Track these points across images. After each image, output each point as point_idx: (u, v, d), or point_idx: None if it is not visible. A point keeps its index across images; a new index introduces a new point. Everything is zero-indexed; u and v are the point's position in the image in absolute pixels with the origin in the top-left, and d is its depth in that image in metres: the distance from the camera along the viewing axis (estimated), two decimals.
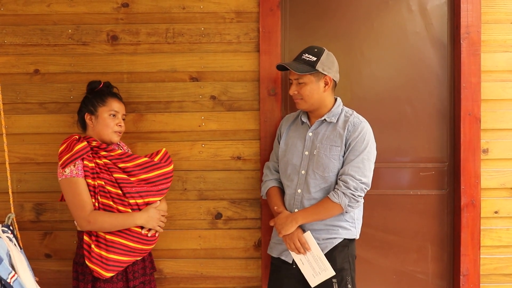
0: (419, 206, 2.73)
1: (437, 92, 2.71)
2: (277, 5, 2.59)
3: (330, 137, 2.25)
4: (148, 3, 2.59)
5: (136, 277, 2.28)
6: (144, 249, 2.25)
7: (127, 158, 2.28)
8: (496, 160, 2.64)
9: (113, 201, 2.20)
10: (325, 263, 2.20)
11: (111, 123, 2.29)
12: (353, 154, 2.20)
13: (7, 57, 2.59)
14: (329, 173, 2.22)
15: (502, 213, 2.66)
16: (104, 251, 2.16)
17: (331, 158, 2.23)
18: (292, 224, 2.20)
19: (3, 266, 1.91)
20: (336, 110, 2.30)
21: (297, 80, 2.26)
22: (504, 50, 2.63)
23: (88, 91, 2.36)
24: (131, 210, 2.21)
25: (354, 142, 2.21)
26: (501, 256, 2.67)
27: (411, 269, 2.75)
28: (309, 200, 2.25)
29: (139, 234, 2.22)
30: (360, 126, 2.23)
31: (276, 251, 2.35)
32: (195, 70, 2.62)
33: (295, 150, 2.32)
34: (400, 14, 2.70)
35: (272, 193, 2.37)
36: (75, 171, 2.18)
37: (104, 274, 2.16)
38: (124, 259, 2.19)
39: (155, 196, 2.28)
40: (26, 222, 2.61)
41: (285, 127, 2.42)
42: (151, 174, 2.29)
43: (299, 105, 2.30)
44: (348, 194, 2.16)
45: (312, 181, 2.24)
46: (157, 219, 2.26)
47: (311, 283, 2.22)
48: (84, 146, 2.21)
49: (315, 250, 2.21)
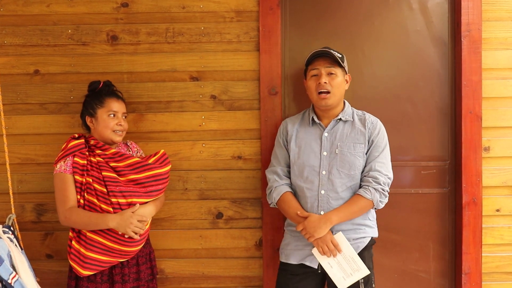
0: (421, 204, 2.72)
1: (438, 90, 2.70)
2: (277, 4, 2.58)
3: (351, 135, 2.26)
4: (148, 3, 2.59)
5: (125, 281, 2.24)
6: (124, 251, 2.20)
7: (120, 157, 2.28)
8: (497, 158, 2.64)
9: (97, 199, 2.20)
10: (359, 263, 2.16)
11: (111, 123, 2.29)
12: (377, 150, 2.24)
13: (7, 57, 2.59)
14: (355, 170, 2.22)
15: (503, 211, 2.65)
16: (83, 248, 2.17)
17: (356, 156, 2.23)
18: (326, 226, 2.14)
19: (4, 267, 1.92)
20: (348, 110, 2.32)
21: (328, 69, 2.23)
22: (505, 47, 2.62)
23: (89, 92, 2.37)
24: (112, 209, 2.18)
25: (376, 139, 2.25)
26: (503, 254, 2.66)
27: (413, 267, 2.74)
28: (337, 200, 2.21)
29: (116, 233, 2.18)
30: (378, 124, 2.30)
31: (296, 258, 2.26)
32: (195, 69, 2.61)
33: (311, 151, 2.27)
34: (401, 12, 2.69)
35: (288, 198, 2.26)
36: (63, 167, 2.22)
37: (80, 272, 2.17)
38: (103, 259, 2.18)
39: (141, 197, 2.24)
40: (27, 223, 2.62)
41: (292, 129, 2.35)
42: (140, 175, 2.26)
43: (327, 101, 2.22)
44: (379, 190, 2.19)
45: (338, 180, 2.21)
46: (130, 223, 2.15)
47: (341, 286, 2.16)
48: (78, 143, 2.24)
49: (347, 250, 2.16)
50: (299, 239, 2.26)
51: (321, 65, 2.25)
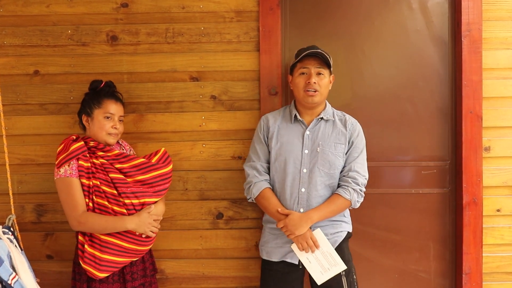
0: (421, 204, 2.72)
1: (438, 90, 2.70)
2: (277, 4, 2.58)
3: (333, 135, 2.30)
4: (147, 3, 2.59)
5: (135, 278, 2.26)
6: (139, 250, 2.23)
7: (124, 158, 2.27)
8: (498, 158, 2.64)
9: (108, 201, 2.19)
10: (336, 258, 2.23)
11: (106, 125, 2.27)
12: (356, 151, 2.31)
13: (7, 58, 2.59)
14: (334, 169, 2.28)
15: (504, 211, 2.65)
16: (98, 251, 2.16)
17: (337, 156, 2.28)
18: (307, 224, 2.20)
19: (4, 267, 1.91)
20: (329, 110, 2.37)
21: (318, 69, 2.27)
22: (505, 47, 2.62)
23: (89, 90, 2.36)
24: (126, 211, 2.18)
25: (356, 141, 2.32)
26: (503, 254, 2.66)
27: (413, 268, 2.74)
28: (316, 197, 2.26)
29: (133, 234, 2.20)
30: (358, 126, 2.36)
31: (277, 255, 2.32)
32: (195, 70, 2.61)
33: (293, 148, 2.30)
34: (401, 12, 2.69)
35: (268, 195, 2.30)
36: (69, 171, 2.18)
37: (97, 275, 2.15)
38: (118, 260, 2.18)
39: (151, 197, 2.25)
40: (27, 224, 2.61)
41: (274, 125, 2.37)
42: (147, 176, 2.26)
43: (314, 98, 2.26)
44: (357, 190, 2.26)
45: (318, 178, 2.26)
46: (149, 223, 2.20)
47: (319, 280, 2.23)
48: (80, 146, 2.21)
49: (324, 246, 2.22)
50: (279, 236, 2.31)
51: (311, 64, 2.28)
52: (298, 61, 2.31)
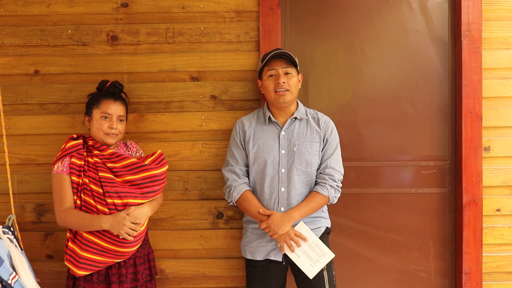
0: (421, 204, 2.72)
1: (438, 90, 2.70)
2: (277, 4, 2.58)
3: (307, 134, 2.36)
4: (147, 3, 2.59)
5: (122, 281, 2.23)
6: (119, 251, 2.19)
7: (116, 158, 2.26)
8: (497, 158, 2.64)
9: (93, 199, 2.19)
10: (323, 248, 2.26)
11: (103, 125, 2.27)
12: (331, 148, 2.36)
13: (7, 58, 2.59)
14: (311, 168, 2.33)
15: (504, 211, 2.65)
16: (78, 248, 2.17)
17: (312, 154, 2.33)
18: (289, 223, 2.25)
19: (4, 267, 1.92)
20: (302, 109, 2.41)
21: (285, 69, 2.32)
22: (505, 47, 2.62)
23: (96, 90, 2.36)
24: (108, 210, 2.17)
25: (330, 138, 2.37)
26: (503, 254, 2.66)
27: (413, 267, 2.74)
28: (295, 196, 2.31)
29: (112, 235, 2.17)
30: (331, 123, 2.40)
31: (261, 254, 2.34)
32: (195, 69, 2.61)
33: (270, 150, 2.34)
34: (401, 12, 2.69)
35: (249, 197, 2.33)
36: (61, 168, 2.22)
37: (76, 272, 2.17)
38: (97, 259, 2.17)
39: (136, 198, 2.22)
40: (27, 223, 2.62)
41: (250, 129, 2.39)
42: (137, 176, 2.23)
43: (285, 97, 2.30)
44: (334, 186, 2.31)
45: (296, 177, 2.31)
46: (123, 225, 2.13)
47: (310, 274, 2.25)
48: (75, 144, 2.24)
49: (310, 238, 2.26)
50: (261, 236, 2.34)
51: (278, 65, 2.32)
52: (265, 65, 2.35)
